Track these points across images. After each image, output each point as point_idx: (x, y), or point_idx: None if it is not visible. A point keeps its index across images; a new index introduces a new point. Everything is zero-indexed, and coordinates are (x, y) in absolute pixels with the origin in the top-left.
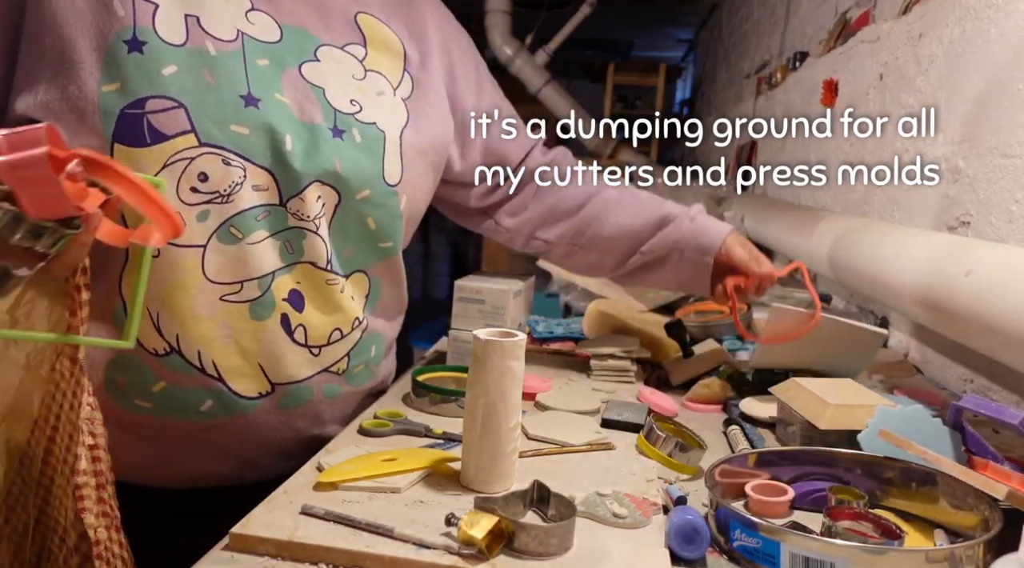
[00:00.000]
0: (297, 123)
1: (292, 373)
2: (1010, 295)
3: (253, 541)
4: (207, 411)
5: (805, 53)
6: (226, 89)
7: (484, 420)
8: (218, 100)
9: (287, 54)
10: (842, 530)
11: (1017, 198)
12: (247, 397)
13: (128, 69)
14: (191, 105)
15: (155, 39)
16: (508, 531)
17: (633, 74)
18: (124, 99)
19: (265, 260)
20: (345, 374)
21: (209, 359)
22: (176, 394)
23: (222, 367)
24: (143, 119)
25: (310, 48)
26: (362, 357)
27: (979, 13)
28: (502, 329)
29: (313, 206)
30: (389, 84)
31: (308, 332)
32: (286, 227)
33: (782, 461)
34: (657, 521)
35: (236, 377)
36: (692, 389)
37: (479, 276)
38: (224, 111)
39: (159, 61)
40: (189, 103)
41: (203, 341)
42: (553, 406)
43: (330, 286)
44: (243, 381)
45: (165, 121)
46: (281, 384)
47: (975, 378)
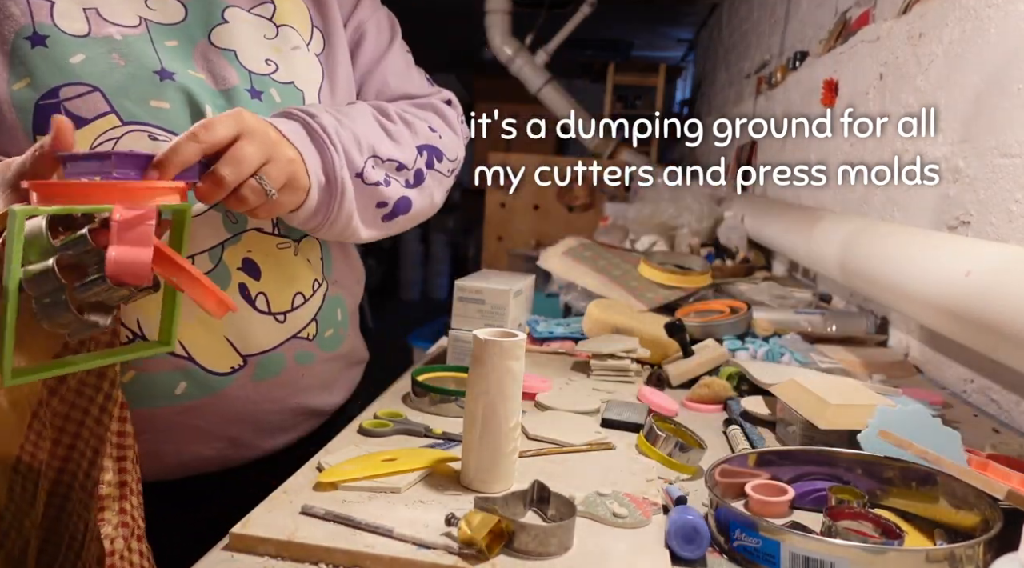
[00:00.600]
0: (214, 93)
1: (261, 342)
2: (1010, 295)
3: (253, 541)
4: (182, 394)
5: (805, 53)
6: (138, 68)
7: (484, 420)
8: (132, 79)
9: (194, 28)
10: (842, 530)
11: (1017, 198)
12: (220, 373)
13: (35, 63)
14: (106, 87)
15: (56, 32)
16: (508, 531)
17: (633, 74)
18: (36, 92)
19: (210, 232)
20: (316, 339)
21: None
22: (148, 381)
23: (189, 345)
24: (59, 107)
25: (216, 13)
26: (329, 321)
27: (979, 13)
28: (502, 329)
29: None
30: (302, 39)
31: (270, 299)
32: None
33: (782, 461)
34: (657, 521)
35: (206, 354)
36: (692, 389)
37: (479, 276)
38: (141, 88)
39: (65, 51)
40: (104, 85)
41: None
42: (553, 406)
43: (281, 249)
44: (213, 357)
45: (82, 106)
46: (252, 355)
47: (975, 378)
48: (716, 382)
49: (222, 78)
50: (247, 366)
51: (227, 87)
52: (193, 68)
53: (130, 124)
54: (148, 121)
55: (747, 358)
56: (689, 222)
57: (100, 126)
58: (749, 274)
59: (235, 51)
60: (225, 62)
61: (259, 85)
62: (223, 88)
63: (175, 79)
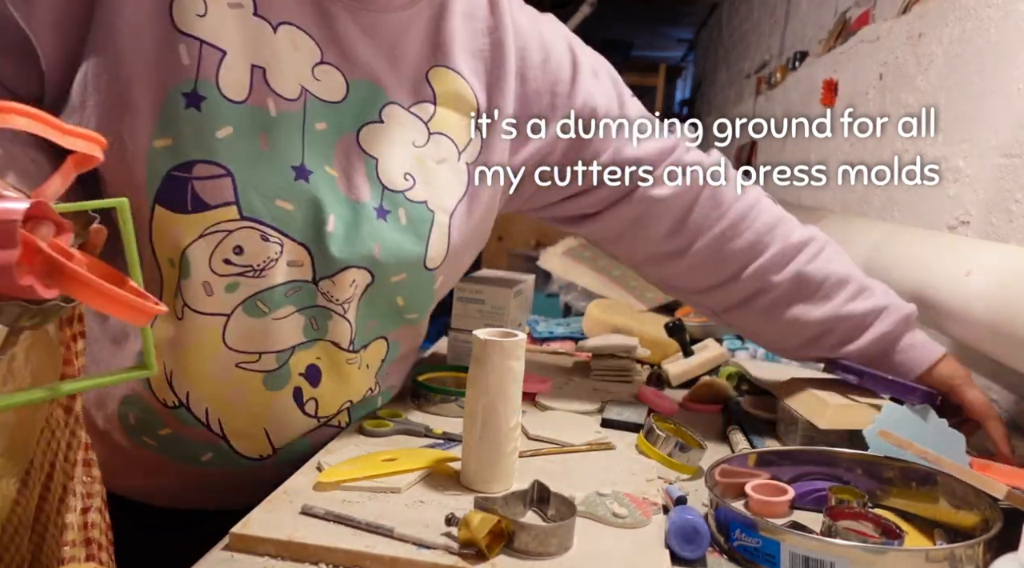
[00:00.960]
0: (343, 200)
1: (294, 436)
2: (1010, 295)
3: (253, 541)
4: (207, 461)
5: (805, 53)
6: (279, 158)
7: (484, 420)
8: (269, 170)
9: (348, 115)
10: (842, 530)
11: (1017, 198)
12: (248, 457)
13: (182, 126)
14: (239, 174)
15: (215, 94)
16: (508, 531)
17: (633, 74)
18: (173, 160)
19: (287, 335)
20: (346, 425)
21: (216, 418)
22: (180, 441)
23: (227, 427)
24: (188, 184)
25: (376, 107)
26: (365, 409)
27: (979, 13)
28: (502, 329)
29: (345, 290)
30: (455, 147)
31: (319, 405)
32: (314, 304)
33: (782, 461)
34: (657, 521)
35: (240, 438)
36: (692, 389)
37: (479, 276)
38: (273, 183)
39: (215, 120)
40: (237, 172)
41: (212, 401)
42: (553, 406)
43: (350, 364)
44: (246, 442)
45: (210, 189)
46: (282, 446)
47: (975, 378)
48: (716, 382)
49: (355, 186)
50: (274, 455)
51: (358, 200)
52: (331, 164)
53: (247, 220)
54: (266, 220)
55: (747, 358)
56: None
57: (219, 215)
58: None
59: (377, 161)
60: (363, 170)
61: (389, 203)
62: (353, 198)
63: (308, 181)
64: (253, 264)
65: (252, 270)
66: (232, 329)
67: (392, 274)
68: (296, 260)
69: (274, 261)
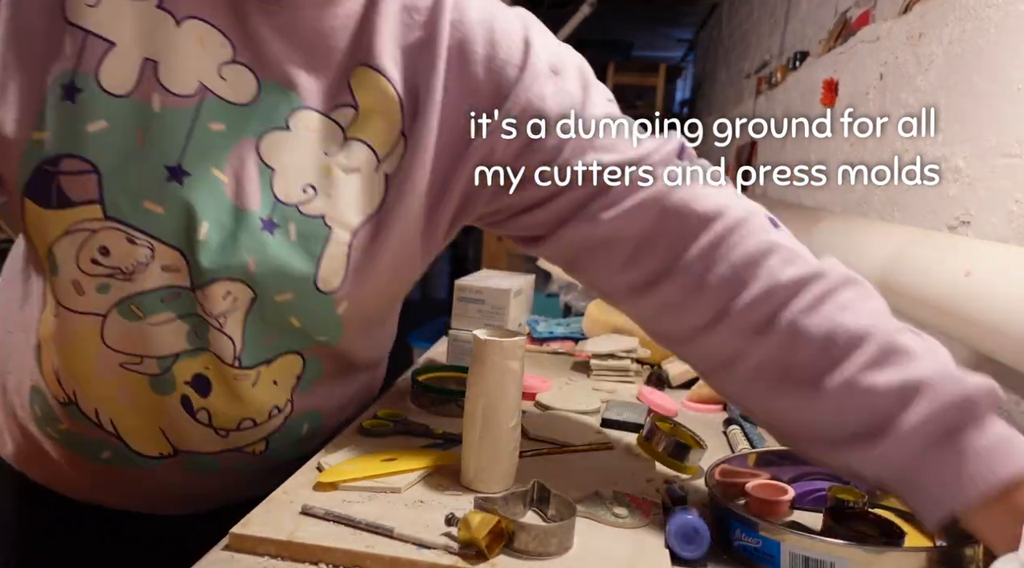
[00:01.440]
0: (226, 207)
1: (197, 446)
2: (1010, 295)
3: (253, 541)
4: (108, 459)
5: (805, 53)
6: (153, 156)
7: (484, 420)
8: (139, 169)
9: (254, 119)
10: (842, 530)
11: (1017, 198)
12: (148, 456)
13: (56, 118)
14: (107, 172)
15: (93, 86)
16: (508, 531)
17: (633, 74)
18: (43, 153)
19: (168, 342)
20: (264, 454)
21: (107, 417)
22: (78, 437)
23: (120, 426)
24: (54, 179)
25: (282, 113)
26: (288, 437)
27: (979, 13)
28: (502, 329)
29: (218, 303)
30: (374, 156)
31: (212, 417)
32: (193, 312)
33: (782, 461)
34: (657, 521)
35: (135, 437)
36: (692, 389)
37: (479, 276)
38: (142, 184)
39: (89, 114)
40: (105, 169)
41: (100, 401)
42: (553, 406)
43: (238, 381)
44: (143, 442)
45: (74, 185)
46: (185, 452)
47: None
48: None
49: (245, 193)
50: (177, 457)
51: (244, 207)
52: (221, 167)
53: (111, 220)
54: (132, 222)
55: None
56: None
57: (82, 213)
58: None
59: (274, 171)
60: (256, 178)
61: (278, 216)
62: (240, 206)
63: (182, 183)
64: (120, 266)
65: (121, 272)
66: (109, 329)
67: (275, 292)
68: (171, 265)
69: (144, 265)
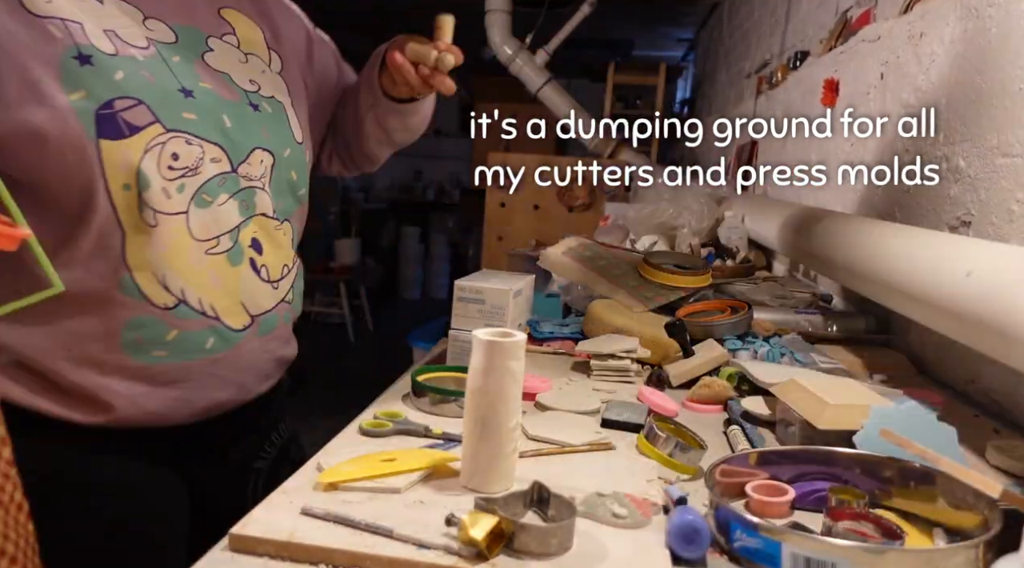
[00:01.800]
0: (225, 102)
1: (264, 305)
2: (1010, 295)
3: (253, 542)
4: (210, 347)
5: (806, 52)
6: (166, 85)
7: (484, 420)
8: (164, 94)
9: (187, 49)
10: (843, 530)
11: (1018, 198)
12: (237, 330)
13: (87, 78)
14: (148, 100)
15: (97, 52)
16: (508, 531)
17: (633, 74)
18: (94, 103)
19: (231, 216)
20: (292, 302)
21: (208, 304)
22: (186, 338)
23: (217, 308)
24: (116, 117)
25: (202, 40)
26: (296, 288)
27: (980, 12)
28: (502, 329)
29: (257, 168)
30: (265, 63)
31: (269, 271)
32: (239, 188)
33: (782, 461)
34: (657, 521)
35: (228, 315)
36: (692, 389)
37: (479, 276)
38: (173, 102)
39: (109, 69)
40: (147, 99)
41: (200, 290)
42: (553, 406)
43: (277, 231)
44: (233, 317)
45: (134, 116)
46: (257, 315)
47: (976, 378)
48: (716, 382)
49: (227, 91)
50: (254, 324)
51: (234, 100)
52: (201, 80)
53: (172, 131)
54: (183, 129)
55: (747, 358)
56: (689, 222)
57: (150, 133)
58: (749, 274)
59: (228, 74)
60: (224, 81)
61: (254, 100)
62: (231, 99)
63: (194, 95)
64: (188, 165)
65: (189, 170)
66: (192, 222)
67: (281, 149)
68: (215, 157)
69: (200, 160)
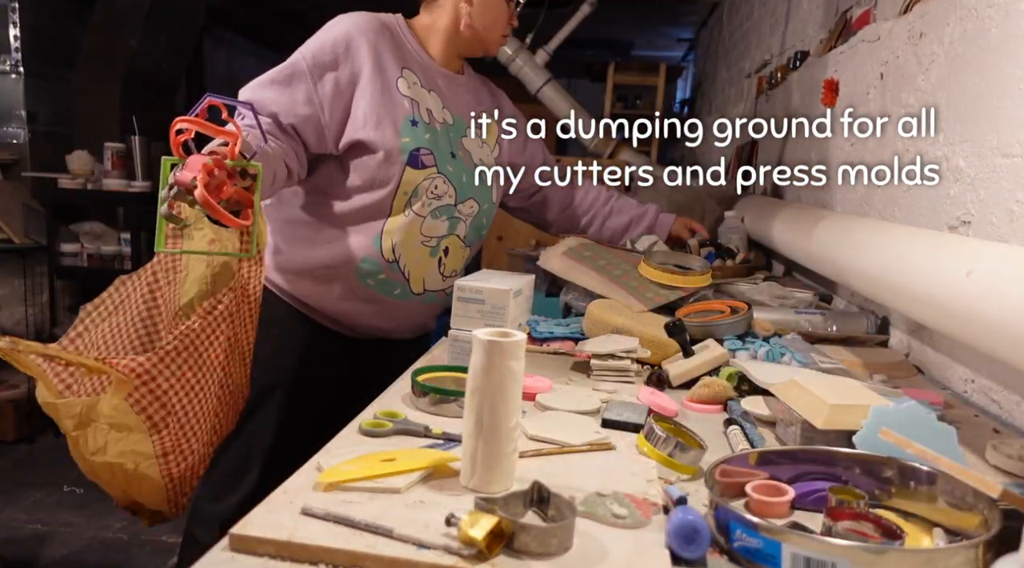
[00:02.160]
0: (465, 167)
1: (434, 285)
2: (1010, 295)
3: (253, 541)
4: (398, 294)
5: (806, 52)
6: (444, 146)
7: (484, 420)
8: (442, 153)
9: (456, 131)
10: (843, 530)
11: (1018, 198)
12: (415, 292)
13: (413, 133)
14: (435, 153)
15: (421, 120)
16: (508, 531)
17: (633, 74)
18: (411, 146)
19: (441, 229)
20: (445, 293)
21: (408, 270)
22: (387, 282)
23: (411, 275)
24: (418, 156)
25: (463, 128)
26: (450, 287)
27: (980, 13)
28: (502, 329)
29: (467, 209)
30: (491, 149)
31: (446, 268)
32: (453, 216)
33: (782, 461)
34: (657, 521)
35: (415, 281)
36: (692, 389)
37: (479, 276)
38: (444, 158)
39: (423, 130)
40: (435, 152)
41: (409, 260)
42: (553, 406)
43: (460, 249)
44: (416, 284)
45: (426, 159)
46: (428, 291)
47: (976, 378)
48: (716, 382)
49: (468, 160)
50: (423, 294)
51: (469, 166)
52: (459, 149)
53: (441, 174)
54: (445, 174)
55: (747, 358)
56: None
57: (429, 172)
58: (749, 274)
59: (471, 151)
60: (468, 154)
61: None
62: (467, 166)
63: (455, 157)
64: (438, 193)
65: (437, 197)
66: (426, 225)
67: (483, 203)
68: (451, 194)
69: (445, 193)
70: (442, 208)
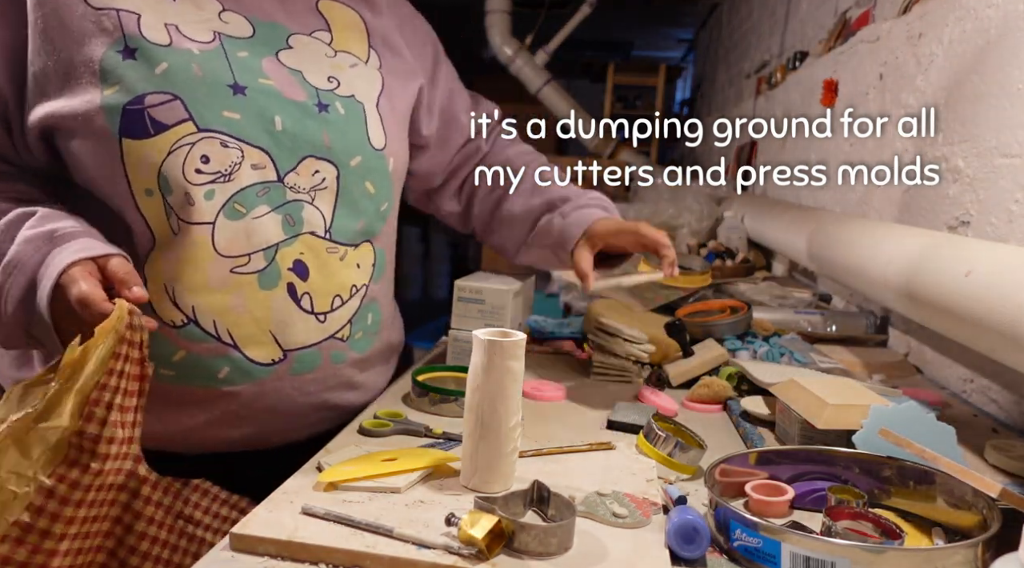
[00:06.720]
0: (285, 102)
1: (302, 339)
2: (1010, 295)
3: (253, 541)
4: (224, 378)
5: (805, 53)
6: (214, 80)
7: (484, 420)
8: (208, 90)
9: (262, 45)
10: (842, 530)
11: (1017, 198)
12: (262, 363)
13: (124, 73)
14: (185, 96)
15: (144, 43)
16: (508, 531)
17: (633, 74)
18: (124, 98)
19: (269, 232)
20: (348, 340)
21: (224, 328)
22: (195, 362)
23: (236, 335)
24: (143, 114)
25: (282, 38)
26: (360, 324)
27: (979, 13)
28: (502, 329)
29: (307, 179)
30: (359, 59)
31: (314, 300)
32: (285, 201)
33: (782, 461)
34: (657, 521)
35: (250, 345)
36: (692, 389)
37: (479, 276)
38: (215, 100)
39: (151, 62)
40: (184, 95)
41: (217, 311)
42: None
43: (330, 254)
44: (257, 348)
45: (164, 112)
46: (292, 350)
47: (975, 378)
48: (716, 382)
49: (292, 90)
50: (286, 360)
51: (296, 99)
52: (264, 76)
53: (205, 131)
54: (221, 129)
55: (747, 358)
56: (689, 222)
57: (179, 131)
58: (749, 274)
59: (302, 72)
60: (293, 79)
61: (325, 99)
62: (293, 98)
63: (246, 94)
64: (221, 169)
65: (221, 175)
66: (219, 235)
67: (348, 158)
68: (258, 163)
69: (237, 165)
70: (246, 192)
